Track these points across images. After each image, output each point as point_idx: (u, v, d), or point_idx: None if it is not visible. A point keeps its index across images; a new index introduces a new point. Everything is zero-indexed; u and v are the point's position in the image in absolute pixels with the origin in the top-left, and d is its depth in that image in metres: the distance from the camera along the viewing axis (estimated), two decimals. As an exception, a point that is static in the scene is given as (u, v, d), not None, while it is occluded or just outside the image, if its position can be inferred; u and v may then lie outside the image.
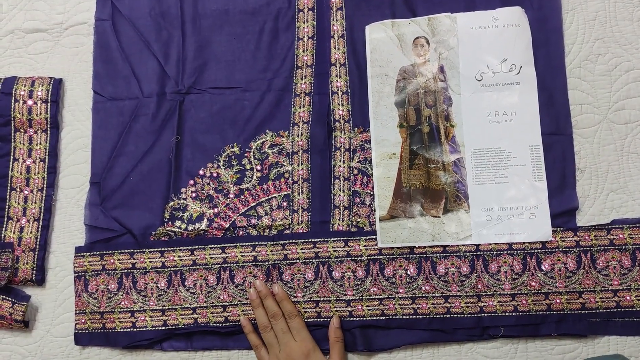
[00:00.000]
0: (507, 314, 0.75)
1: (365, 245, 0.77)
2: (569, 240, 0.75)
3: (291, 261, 0.78)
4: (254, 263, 0.78)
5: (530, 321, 0.75)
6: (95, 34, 0.86)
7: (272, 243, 0.78)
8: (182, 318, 0.78)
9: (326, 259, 0.77)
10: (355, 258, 0.77)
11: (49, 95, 0.83)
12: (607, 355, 0.73)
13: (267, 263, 0.78)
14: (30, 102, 0.82)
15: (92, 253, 0.80)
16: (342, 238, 0.78)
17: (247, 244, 0.78)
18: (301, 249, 0.78)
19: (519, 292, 0.75)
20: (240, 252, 0.78)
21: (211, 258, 0.78)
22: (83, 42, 0.87)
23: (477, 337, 0.76)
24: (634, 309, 0.74)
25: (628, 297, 0.74)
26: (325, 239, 0.78)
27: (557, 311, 0.74)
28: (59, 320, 0.80)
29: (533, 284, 0.75)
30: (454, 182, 0.78)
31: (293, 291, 0.77)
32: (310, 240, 0.78)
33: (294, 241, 0.78)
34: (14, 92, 0.82)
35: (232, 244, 0.78)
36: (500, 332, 0.75)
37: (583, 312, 0.74)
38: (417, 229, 0.77)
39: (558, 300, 0.74)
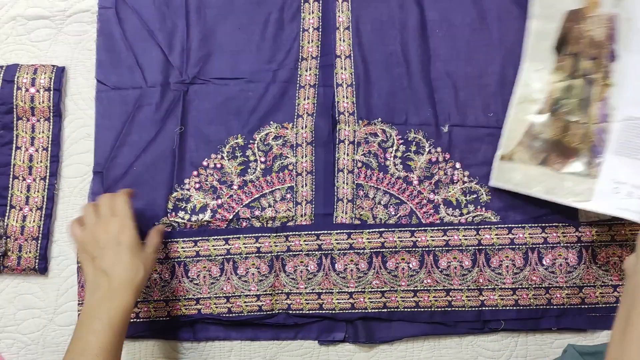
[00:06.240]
0: (507, 307, 0.76)
1: (368, 238, 0.77)
2: (571, 236, 0.76)
3: (294, 253, 0.78)
4: (257, 254, 0.78)
5: (530, 315, 0.76)
6: (98, 22, 0.85)
7: (275, 235, 0.78)
8: (186, 309, 0.78)
9: (329, 251, 0.78)
10: (358, 250, 0.77)
11: (52, 84, 0.82)
12: (605, 344, 0.73)
13: (270, 254, 0.78)
14: (32, 90, 0.82)
15: (95, 243, 0.80)
16: (345, 230, 0.78)
17: (250, 235, 0.78)
18: (304, 241, 0.78)
19: (520, 286, 0.76)
20: (244, 244, 0.78)
21: (214, 249, 0.79)
22: (86, 30, 0.86)
23: (478, 330, 0.76)
24: (634, 305, 0.74)
25: (628, 293, 0.75)
26: (329, 231, 0.78)
27: (558, 305, 0.75)
28: (62, 309, 0.81)
29: (534, 278, 0.76)
30: (592, 145, 0.72)
31: (296, 283, 0.77)
32: (313, 232, 0.78)
33: (297, 233, 0.78)
34: (16, 79, 0.81)
35: (235, 236, 0.78)
36: (501, 325, 0.76)
37: (583, 306, 0.75)
38: (533, 178, 0.73)
39: (558, 295, 0.75)
